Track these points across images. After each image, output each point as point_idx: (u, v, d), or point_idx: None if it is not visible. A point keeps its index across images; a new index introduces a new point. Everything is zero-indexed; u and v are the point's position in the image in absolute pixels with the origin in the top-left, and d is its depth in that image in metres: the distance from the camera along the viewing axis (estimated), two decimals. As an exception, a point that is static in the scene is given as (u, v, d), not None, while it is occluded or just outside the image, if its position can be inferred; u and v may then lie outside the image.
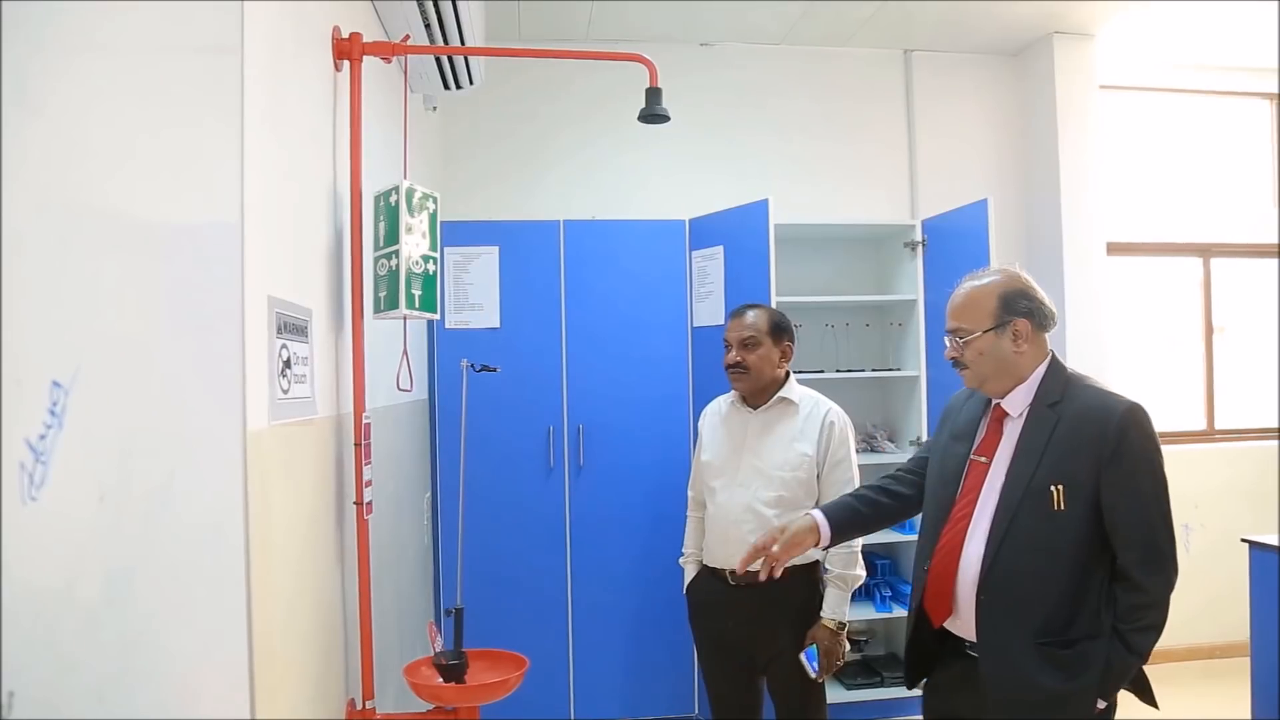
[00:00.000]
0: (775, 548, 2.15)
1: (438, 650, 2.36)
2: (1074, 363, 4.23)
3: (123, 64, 1.06)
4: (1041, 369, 2.03)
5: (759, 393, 2.80)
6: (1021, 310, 2.00)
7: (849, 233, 4.32)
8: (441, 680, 2.28)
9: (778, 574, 2.17)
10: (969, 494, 2.03)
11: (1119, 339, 4.77)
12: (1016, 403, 2.02)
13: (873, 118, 4.72)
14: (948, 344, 2.09)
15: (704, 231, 3.84)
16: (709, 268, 3.79)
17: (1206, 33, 4.59)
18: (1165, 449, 1.88)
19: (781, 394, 2.79)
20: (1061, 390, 1.98)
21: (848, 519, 2.26)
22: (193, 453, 1.27)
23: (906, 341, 4.13)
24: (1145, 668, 1.93)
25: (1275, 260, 5.10)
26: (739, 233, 3.70)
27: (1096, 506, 1.89)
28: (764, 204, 3.60)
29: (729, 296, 3.67)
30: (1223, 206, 5.09)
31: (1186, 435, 4.93)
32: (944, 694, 2.13)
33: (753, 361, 2.75)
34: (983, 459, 2.04)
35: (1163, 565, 1.88)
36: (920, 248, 4.02)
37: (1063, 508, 1.88)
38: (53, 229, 0.89)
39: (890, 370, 4.13)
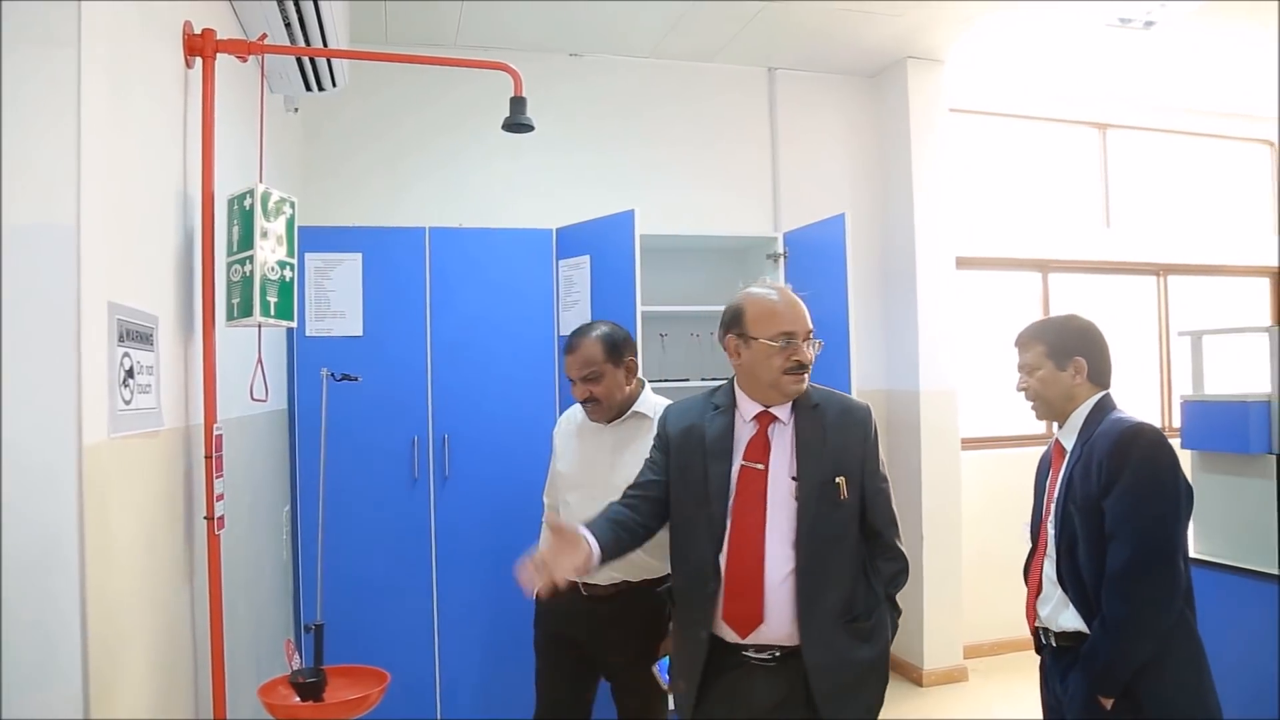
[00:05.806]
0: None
1: (295, 668, 2.30)
2: (926, 370, 4.60)
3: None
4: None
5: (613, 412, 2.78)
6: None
7: (714, 243, 4.41)
8: (298, 699, 2.22)
9: (563, 585, 1.98)
10: (750, 500, 2.10)
11: (968, 347, 5.02)
12: (784, 409, 2.20)
13: (738, 133, 4.85)
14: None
15: (571, 241, 3.85)
16: (575, 277, 3.80)
17: (1044, 64, 4.92)
18: (1003, 452, 2.05)
19: (635, 408, 2.76)
20: (810, 393, 2.21)
21: (613, 543, 2.15)
22: (22, 468, 1.20)
23: (770, 350, 4.23)
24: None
25: (1105, 276, 5.51)
26: (605, 242, 3.72)
27: (862, 493, 2.15)
28: (630, 214, 3.63)
29: (595, 305, 3.68)
30: (1060, 225, 5.47)
31: (1030, 439, 5.20)
32: (711, 704, 2.12)
33: (601, 392, 2.71)
34: (758, 465, 2.13)
35: (899, 533, 2.21)
36: (782, 259, 4.14)
37: (846, 496, 2.10)
38: None
39: (754, 378, 4.23)
